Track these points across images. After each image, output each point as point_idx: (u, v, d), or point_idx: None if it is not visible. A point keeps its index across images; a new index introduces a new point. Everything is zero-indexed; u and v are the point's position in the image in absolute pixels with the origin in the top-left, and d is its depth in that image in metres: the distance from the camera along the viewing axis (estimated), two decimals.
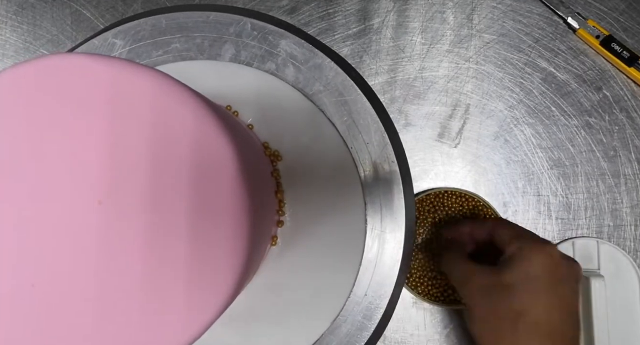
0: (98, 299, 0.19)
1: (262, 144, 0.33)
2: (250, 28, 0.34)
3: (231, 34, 0.34)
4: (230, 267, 0.19)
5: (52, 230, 0.20)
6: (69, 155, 0.20)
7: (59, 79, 0.20)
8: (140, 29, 0.35)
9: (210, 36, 0.35)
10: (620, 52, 0.40)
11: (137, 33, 0.35)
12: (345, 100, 0.34)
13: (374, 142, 0.33)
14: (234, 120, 0.29)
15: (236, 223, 0.19)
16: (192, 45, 0.35)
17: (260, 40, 0.34)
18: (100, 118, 0.20)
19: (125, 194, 0.19)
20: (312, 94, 0.34)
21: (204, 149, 0.20)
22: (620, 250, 0.40)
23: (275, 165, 0.33)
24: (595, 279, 0.38)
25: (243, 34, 0.34)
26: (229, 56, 0.34)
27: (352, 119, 0.34)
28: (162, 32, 0.35)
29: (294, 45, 0.34)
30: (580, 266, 0.31)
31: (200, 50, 0.35)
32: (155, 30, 0.35)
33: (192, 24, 0.35)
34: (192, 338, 0.19)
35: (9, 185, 0.20)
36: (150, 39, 0.35)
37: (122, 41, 0.35)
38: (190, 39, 0.35)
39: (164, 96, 0.20)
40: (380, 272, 0.33)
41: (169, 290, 0.19)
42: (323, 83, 0.34)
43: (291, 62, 0.34)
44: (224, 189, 0.20)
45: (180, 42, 0.35)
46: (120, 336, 0.19)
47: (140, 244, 0.19)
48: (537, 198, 0.41)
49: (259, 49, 0.34)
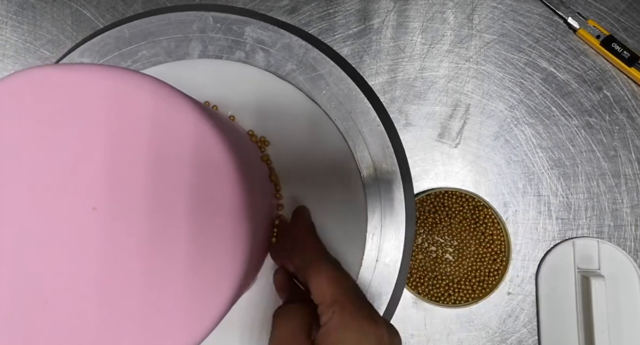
0: (98, 304, 0.19)
1: (247, 132, 0.34)
2: (212, 22, 0.35)
3: (195, 31, 0.35)
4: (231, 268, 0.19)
5: (49, 238, 0.20)
6: (66, 164, 0.20)
7: (56, 89, 0.20)
8: (104, 43, 0.35)
9: (175, 37, 0.35)
10: (621, 52, 0.40)
11: (102, 48, 0.35)
12: (345, 100, 0.34)
13: (374, 142, 0.33)
14: (224, 120, 0.29)
15: (235, 223, 0.19)
16: (159, 50, 0.35)
17: (225, 32, 0.34)
18: (98, 126, 0.20)
19: (123, 199, 0.20)
20: (285, 75, 0.34)
21: (200, 152, 0.20)
22: (620, 250, 0.40)
23: (264, 151, 0.33)
24: (596, 279, 0.37)
25: (207, 29, 0.35)
26: (197, 53, 0.35)
27: (352, 119, 0.34)
28: (127, 41, 0.35)
29: (259, 30, 0.34)
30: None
31: (167, 52, 0.35)
32: (119, 41, 0.35)
33: (155, 28, 0.35)
34: (197, 339, 0.19)
35: (5, 194, 0.20)
36: (117, 51, 0.35)
37: (89, 59, 0.35)
38: (156, 44, 0.35)
39: (159, 102, 0.20)
40: (380, 272, 0.33)
41: (170, 293, 0.19)
42: (295, 62, 0.34)
43: (259, 47, 0.34)
44: (222, 189, 0.20)
45: (147, 48, 0.35)
46: (121, 340, 0.19)
47: (139, 248, 0.19)
48: (538, 198, 0.41)
49: (226, 41, 0.34)
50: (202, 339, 0.19)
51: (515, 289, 0.40)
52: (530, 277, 0.40)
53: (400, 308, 0.40)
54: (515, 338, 0.40)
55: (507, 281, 0.40)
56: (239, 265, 0.19)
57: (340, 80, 0.34)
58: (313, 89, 0.34)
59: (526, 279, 0.40)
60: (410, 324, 0.40)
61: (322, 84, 0.34)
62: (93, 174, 0.20)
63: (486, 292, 0.38)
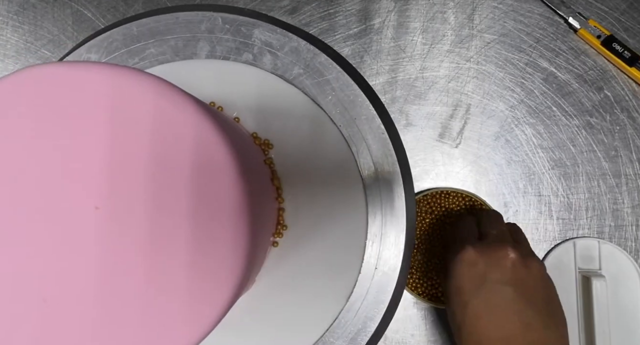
0: (98, 303, 0.19)
1: (250, 134, 0.34)
2: (221, 22, 0.34)
3: (203, 31, 0.35)
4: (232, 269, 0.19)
5: (50, 236, 0.20)
6: (67, 163, 0.20)
7: (59, 87, 0.20)
8: (112, 39, 0.35)
9: (184, 36, 0.35)
10: (622, 52, 0.40)
11: (110, 44, 0.35)
12: (345, 100, 0.34)
13: (375, 142, 0.33)
14: (228, 121, 0.29)
15: (236, 225, 0.19)
16: (166, 48, 0.35)
17: (234, 33, 0.34)
18: (100, 125, 0.20)
19: (125, 198, 0.20)
20: (292, 79, 0.34)
21: (202, 152, 0.20)
22: (621, 250, 0.39)
23: (267, 154, 0.33)
24: (597, 279, 0.37)
25: (215, 30, 0.35)
26: (204, 53, 0.35)
27: (353, 119, 0.34)
28: (135, 39, 0.35)
29: (267, 33, 0.34)
30: (541, 265, 0.32)
31: (175, 51, 0.35)
32: (127, 38, 0.35)
33: (163, 27, 0.35)
34: (196, 339, 0.19)
35: (7, 193, 0.20)
36: (124, 48, 0.35)
37: (96, 55, 0.35)
38: (164, 42, 0.35)
39: (162, 101, 0.20)
40: (381, 272, 0.33)
41: (171, 293, 0.19)
42: (302, 66, 0.34)
43: (267, 49, 0.34)
44: (223, 191, 0.20)
45: (155, 46, 0.35)
46: (121, 339, 0.19)
47: (141, 248, 0.19)
48: (538, 198, 0.41)
49: (234, 42, 0.34)
50: (200, 339, 0.19)
51: None
52: None
53: (401, 308, 0.40)
54: None
55: None
56: (239, 267, 0.19)
57: (346, 86, 0.34)
58: (319, 93, 0.34)
59: None
60: (411, 324, 0.40)
61: (328, 89, 0.34)
62: (95, 173, 0.20)
63: None
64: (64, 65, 0.20)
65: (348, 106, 0.34)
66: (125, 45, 0.35)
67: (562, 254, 0.40)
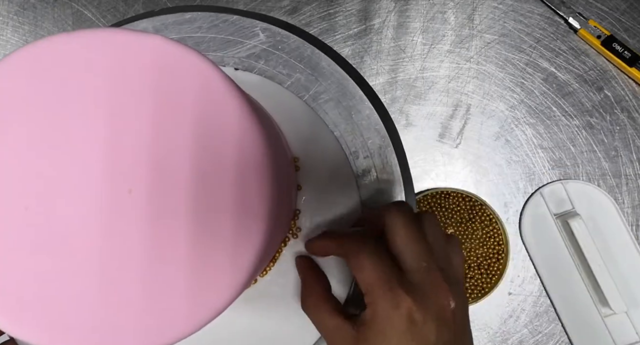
0: (103, 282, 0.19)
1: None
2: (221, 23, 0.34)
3: (203, 31, 0.35)
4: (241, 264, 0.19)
5: (81, 219, 0.19)
6: (104, 138, 0.19)
7: (104, 55, 0.19)
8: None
9: (184, 36, 0.35)
10: (622, 52, 0.40)
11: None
12: (345, 100, 0.34)
13: (375, 142, 0.33)
14: (267, 115, 0.29)
15: (258, 224, 0.19)
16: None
17: (234, 33, 0.34)
18: (145, 103, 0.19)
19: (162, 185, 0.19)
20: (286, 76, 0.34)
21: (244, 149, 0.19)
22: (585, 183, 0.40)
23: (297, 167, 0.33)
24: (573, 219, 0.38)
25: (215, 30, 0.35)
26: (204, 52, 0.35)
27: (353, 119, 0.34)
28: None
29: (267, 33, 0.34)
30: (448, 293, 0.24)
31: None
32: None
33: (163, 27, 0.35)
34: (203, 321, 0.19)
35: (47, 154, 0.19)
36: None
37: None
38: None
39: (209, 89, 0.19)
40: None
41: (176, 275, 0.19)
42: (302, 66, 0.33)
43: (263, 48, 0.34)
44: (257, 187, 0.19)
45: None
46: (125, 322, 0.19)
47: (183, 239, 0.19)
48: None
49: (233, 42, 0.34)
50: (201, 326, 0.19)
51: (516, 289, 0.40)
52: (531, 277, 0.40)
53: None
54: (516, 338, 0.40)
55: (508, 281, 0.40)
56: (255, 255, 0.19)
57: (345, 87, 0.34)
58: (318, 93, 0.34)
59: (527, 279, 0.40)
60: None
61: (328, 89, 0.34)
62: (132, 153, 0.19)
63: (486, 292, 0.38)
64: (107, 33, 0.20)
65: (348, 106, 0.34)
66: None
67: (535, 208, 0.40)
